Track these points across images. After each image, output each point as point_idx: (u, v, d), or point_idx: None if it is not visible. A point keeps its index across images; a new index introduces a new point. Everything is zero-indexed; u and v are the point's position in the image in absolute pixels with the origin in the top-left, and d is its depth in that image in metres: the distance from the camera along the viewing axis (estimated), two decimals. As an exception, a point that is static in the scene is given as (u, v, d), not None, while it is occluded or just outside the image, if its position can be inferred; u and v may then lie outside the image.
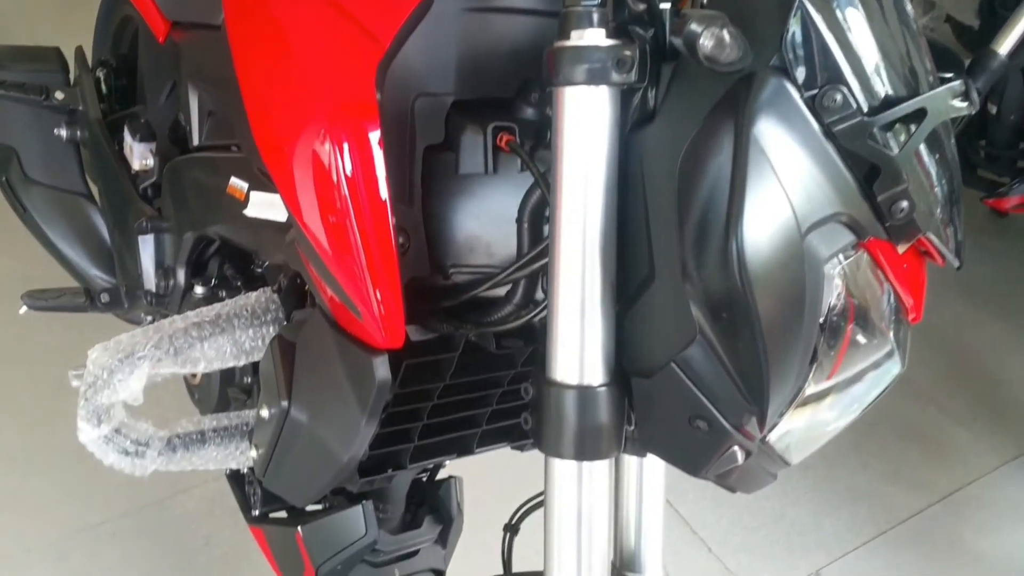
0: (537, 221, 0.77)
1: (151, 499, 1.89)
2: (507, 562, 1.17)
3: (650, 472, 0.93)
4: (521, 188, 0.77)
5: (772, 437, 0.66)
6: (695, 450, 0.65)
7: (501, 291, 0.81)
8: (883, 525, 1.97)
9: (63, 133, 1.68)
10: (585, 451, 0.68)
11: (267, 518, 1.33)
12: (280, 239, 0.89)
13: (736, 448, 0.64)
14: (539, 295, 0.80)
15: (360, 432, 0.77)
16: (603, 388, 0.67)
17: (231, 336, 0.94)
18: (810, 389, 0.64)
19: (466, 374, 0.92)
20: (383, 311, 0.72)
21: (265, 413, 0.87)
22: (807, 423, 0.66)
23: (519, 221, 0.77)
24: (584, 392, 0.67)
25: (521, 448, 1.13)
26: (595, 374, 0.67)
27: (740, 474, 0.68)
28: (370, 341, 0.75)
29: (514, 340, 0.90)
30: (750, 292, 0.56)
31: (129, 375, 0.91)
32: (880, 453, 2.14)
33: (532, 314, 0.78)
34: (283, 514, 1.28)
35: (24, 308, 1.56)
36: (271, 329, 0.95)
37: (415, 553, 1.28)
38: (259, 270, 1.22)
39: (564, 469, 0.69)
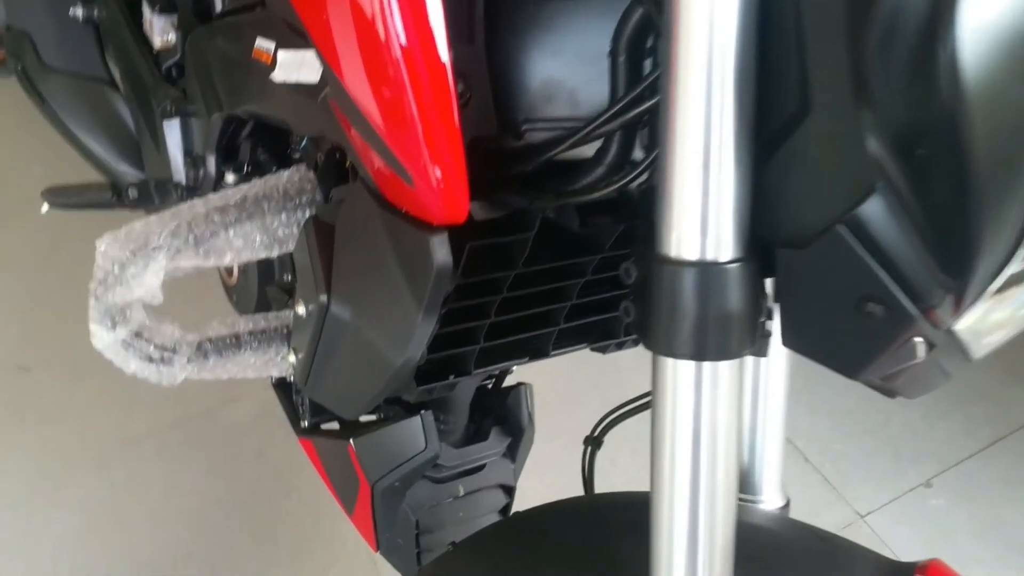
0: (637, 51, 0.60)
1: (198, 409, 1.82)
2: (588, 480, 1.05)
3: (773, 375, 0.78)
4: (615, 9, 0.60)
5: (961, 324, 0.51)
6: (860, 344, 0.50)
7: (588, 151, 0.65)
8: (1002, 430, 1.82)
9: (79, 12, 1.55)
10: (708, 348, 0.54)
11: (317, 430, 1.23)
12: (314, 105, 0.74)
13: (917, 340, 0.49)
14: (637, 154, 0.64)
15: (416, 331, 0.63)
16: (734, 265, 0.52)
17: (260, 221, 0.80)
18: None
19: (542, 260, 0.77)
20: (441, 176, 0.57)
21: (302, 310, 0.74)
22: (1009, 305, 0.51)
23: (613, 54, 0.61)
24: (709, 271, 0.52)
25: (603, 350, 0.99)
26: (724, 246, 0.52)
27: (911, 375, 0.53)
28: (426, 216, 0.61)
29: (603, 217, 0.75)
30: (966, 111, 0.40)
31: (144, 269, 0.79)
32: (1000, 350, 1.96)
33: (629, 177, 0.62)
34: (335, 425, 1.18)
35: (45, 207, 1.45)
36: (307, 212, 0.81)
37: (481, 468, 1.17)
38: (296, 153, 1.08)
39: (680, 372, 0.55)
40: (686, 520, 0.59)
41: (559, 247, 0.78)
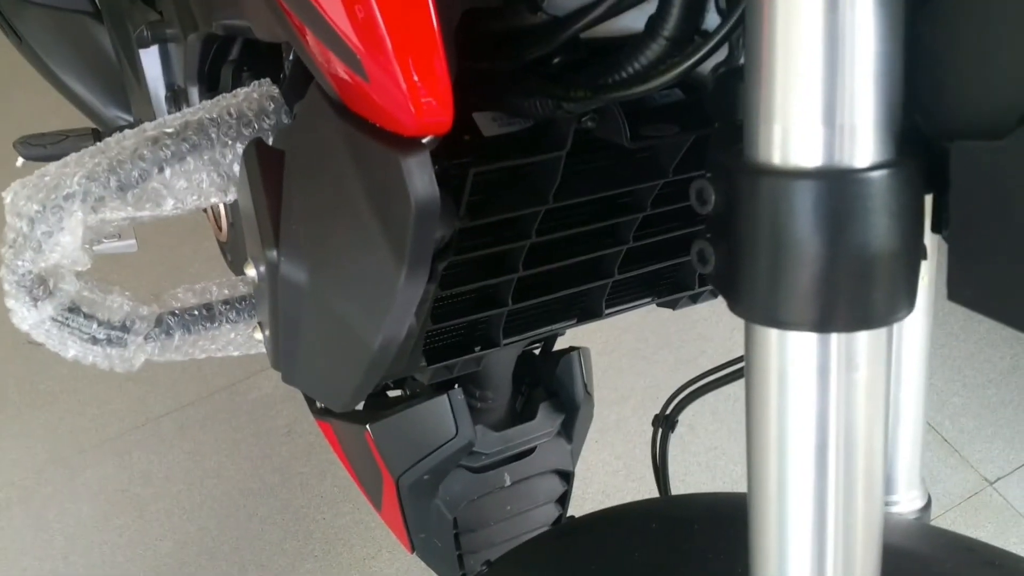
0: None
1: (221, 384, 1.68)
2: (660, 471, 0.86)
3: (910, 339, 0.58)
4: None
5: None
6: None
7: (636, 21, 0.46)
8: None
9: (51, -67, 1.38)
10: (840, 313, 0.34)
11: (334, 411, 1.06)
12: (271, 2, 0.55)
13: None
14: (711, 20, 0.44)
15: (397, 298, 0.45)
16: (881, 173, 0.33)
17: (208, 155, 0.63)
18: None
19: (582, 190, 0.58)
20: (405, 58, 0.38)
21: (253, 272, 0.57)
22: None
23: None
24: (839, 184, 0.33)
25: (673, 305, 0.80)
26: (862, 144, 0.33)
27: None
28: (396, 125, 0.42)
29: (663, 124, 0.55)
30: None
31: (57, 226, 0.62)
32: None
33: (700, 54, 0.42)
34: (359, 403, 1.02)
35: (20, 161, 1.30)
36: (269, 140, 0.63)
37: (530, 452, 0.99)
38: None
39: (794, 352, 0.36)
40: (809, 540, 0.40)
41: (605, 171, 0.59)
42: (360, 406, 1.03)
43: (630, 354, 1.73)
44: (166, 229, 1.62)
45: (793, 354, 0.35)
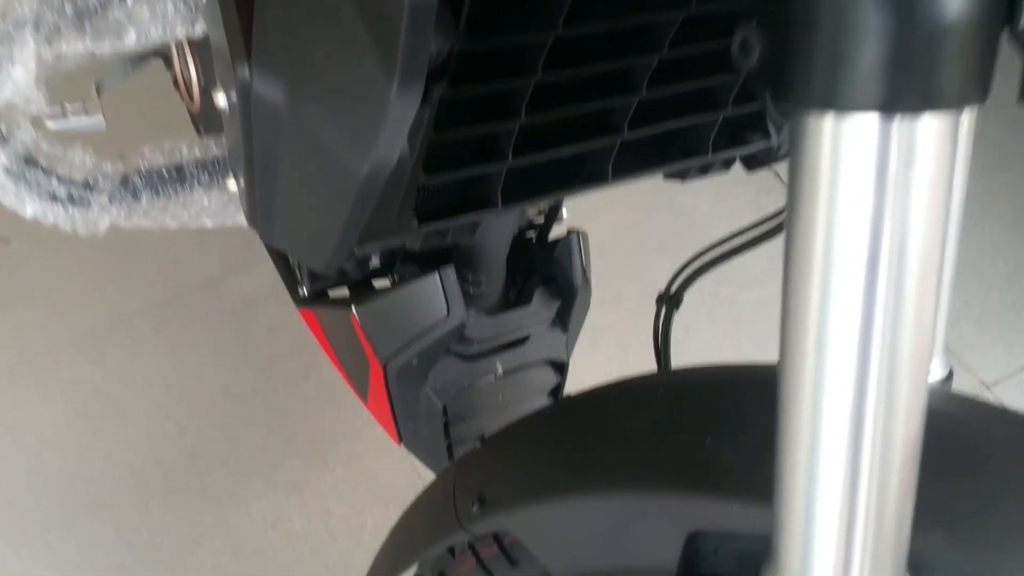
0: None
1: (199, 281, 1.63)
2: (663, 350, 0.82)
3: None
4: None
5: None
6: None
7: None
8: None
9: None
10: (908, 90, 0.30)
11: (320, 298, 1.02)
12: None
13: None
14: None
15: (389, 112, 0.40)
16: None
17: (175, -19, 0.56)
18: None
19: (596, 16, 0.52)
20: None
21: (223, 101, 0.51)
22: None
23: None
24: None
25: (683, 175, 0.75)
26: None
27: None
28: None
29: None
30: None
31: (8, 58, 0.56)
32: None
33: None
34: (346, 293, 0.97)
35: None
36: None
37: (524, 340, 0.95)
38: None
39: (850, 136, 0.31)
40: (850, 397, 0.36)
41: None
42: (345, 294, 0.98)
43: (625, 256, 1.69)
44: (133, 96, 1.54)
45: (853, 141, 0.30)
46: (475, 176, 0.61)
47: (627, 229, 1.71)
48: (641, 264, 1.66)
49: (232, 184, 0.62)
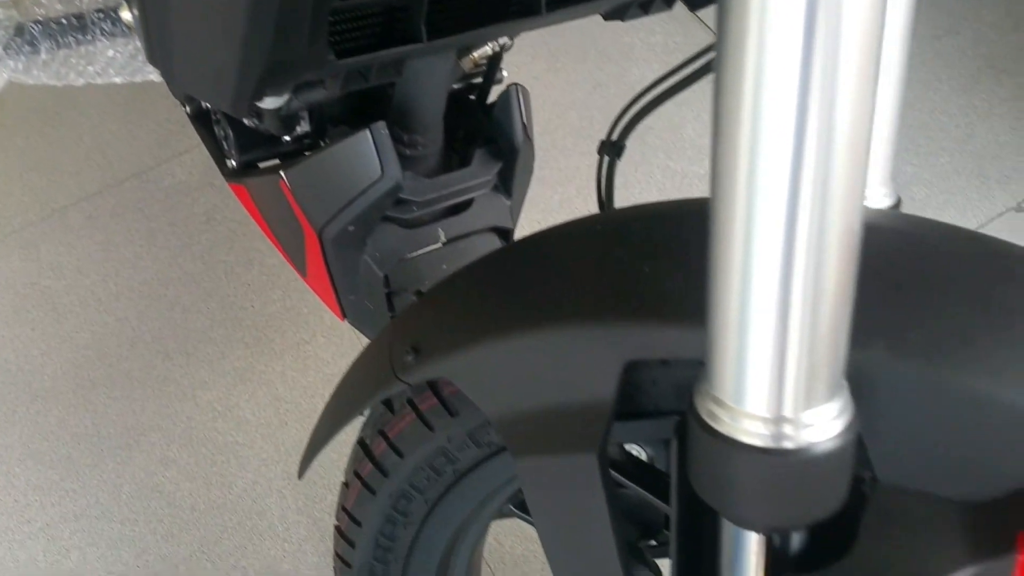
0: None
1: (129, 171, 1.57)
2: (605, 199, 0.79)
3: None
4: None
5: None
6: None
7: None
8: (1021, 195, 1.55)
9: None
10: None
11: (249, 170, 0.98)
12: None
13: None
14: None
15: None
16: None
17: None
18: None
19: None
20: None
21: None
22: None
23: None
24: None
25: (622, 13, 0.71)
26: None
27: None
28: None
29: None
30: None
31: None
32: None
33: None
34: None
35: None
36: None
37: (467, 206, 0.92)
38: None
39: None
40: (782, 216, 0.35)
41: None
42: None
43: (574, 133, 1.65)
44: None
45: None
46: (396, 6, 0.57)
47: (575, 106, 1.67)
48: (591, 142, 1.63)
49: (126, 13, 0.58)
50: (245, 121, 0.89)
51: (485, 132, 0.92)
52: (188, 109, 1.01)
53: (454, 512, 0.68)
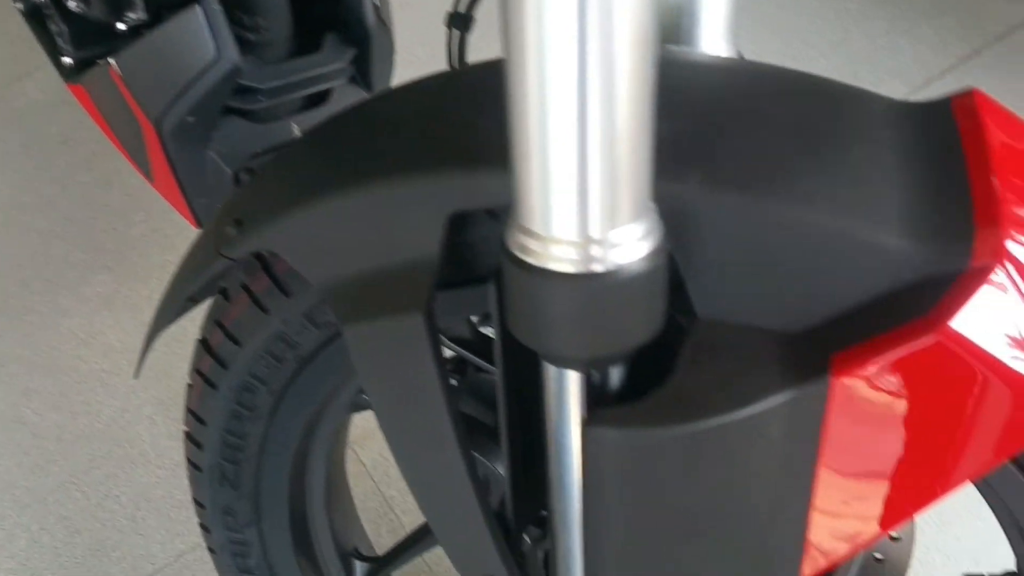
0: None
1: (-23, 91, 1.47)
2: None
3: None
4: None
5: None
6: None
7: None
8: (976, 42, 1.58)
9: None
10: None
11: (86, 67, 0.91)
12: None
13: None
14: None
15: None
16: None
17: None
18: None
19: None
20: None
21: None
22: None
23: None
24: None
25: None
26: None
27: None
28: None
29: None
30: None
31: None
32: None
33: None
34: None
35: None
36: None
37: (323, 99, 0.89)
38: None
39: None
40: (574, 48, 0.33)
41: None
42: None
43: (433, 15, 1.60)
44: None
45: None
46: None
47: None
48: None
49: None
50: (72, 6, 0.82)
51: (335, 15, 0.87)
52: (21, 5, 0.94)
53: (302, 404, 0.65)
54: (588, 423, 0.42)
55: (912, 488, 0.43)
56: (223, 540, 0.75)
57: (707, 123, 0.45)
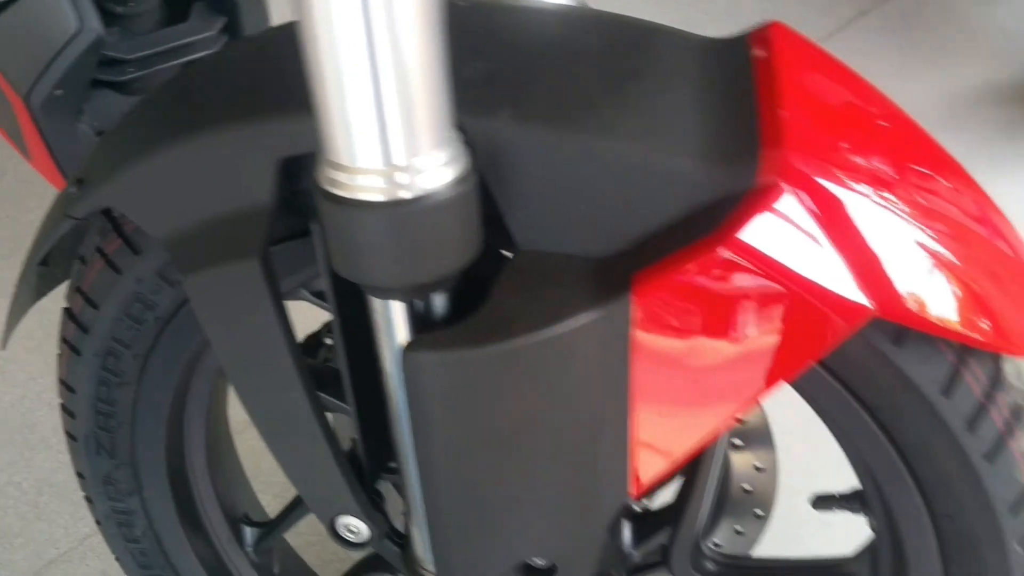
0: None
1: None
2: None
3: None
4: None
5: None
6: None
7: None
8: (863, 4, 1.62)
9: None
10: None
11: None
12: None
13: None
14: None
15: None
16: None
17: None
18: None
19: None
20: None
21: None
22: None
23: None
24: None
25: None
26: None
27: None
28: None
29: None
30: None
31: None
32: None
33: None
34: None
35: None
36: None
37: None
38: None
39: None
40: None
41: None
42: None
43: None
44: None
45: None
46: None
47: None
48: None
49: None
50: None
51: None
52: None
53: (169, 366, 0.66)
54: (407, 349, 0.43)
55: (728, 393, 0.45)
56: (107, 510, 0.75)
57: (522, 64, 0.46)
